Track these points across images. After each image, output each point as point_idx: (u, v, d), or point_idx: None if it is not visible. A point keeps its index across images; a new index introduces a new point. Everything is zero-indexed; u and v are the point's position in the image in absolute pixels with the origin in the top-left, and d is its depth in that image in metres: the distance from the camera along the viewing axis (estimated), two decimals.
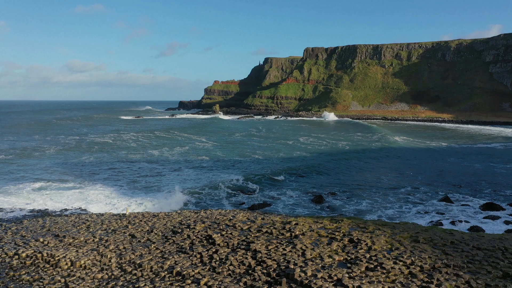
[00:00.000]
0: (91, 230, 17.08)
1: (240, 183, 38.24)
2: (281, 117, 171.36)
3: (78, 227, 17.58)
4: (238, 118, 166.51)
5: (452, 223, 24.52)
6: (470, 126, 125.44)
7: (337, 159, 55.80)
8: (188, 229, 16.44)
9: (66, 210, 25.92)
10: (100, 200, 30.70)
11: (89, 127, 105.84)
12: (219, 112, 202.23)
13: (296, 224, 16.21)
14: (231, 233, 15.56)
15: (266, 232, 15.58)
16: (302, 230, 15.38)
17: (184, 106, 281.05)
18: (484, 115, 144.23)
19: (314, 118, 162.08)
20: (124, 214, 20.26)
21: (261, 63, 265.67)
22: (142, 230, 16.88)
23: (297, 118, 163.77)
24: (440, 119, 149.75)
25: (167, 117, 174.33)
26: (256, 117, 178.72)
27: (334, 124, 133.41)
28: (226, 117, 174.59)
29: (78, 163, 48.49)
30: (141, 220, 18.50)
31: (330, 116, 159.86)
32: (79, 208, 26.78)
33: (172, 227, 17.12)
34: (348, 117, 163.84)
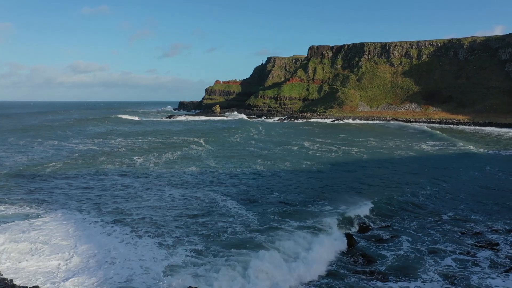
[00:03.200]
0: None
1: (233, 209, 29.30)
2: (285, 118, 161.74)
3: None
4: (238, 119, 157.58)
5: None
6: (491, 128, 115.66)
7: (353, 169, 46.79)
8: None
9: None
10: (38, 244, 21.89)
11: (77, 130, 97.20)
12: (222, 113, 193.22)
13: None
14: None
15: None
16: None
17: (184, 106, 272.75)
18: (503, 116, 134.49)
19: (325, 120, 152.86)
20: None
21: (264, 62, 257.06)
22: None
23: (304, 120, 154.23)
24: (455, 120, 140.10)
25: (165, 119, 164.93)
26: (258, 118, 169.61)
27: (343, 126, 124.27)
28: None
29: (42, 177, 39.65)
30: None
31: (344, 119, 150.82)
32: None
33: None
34: (357, 118, 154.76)
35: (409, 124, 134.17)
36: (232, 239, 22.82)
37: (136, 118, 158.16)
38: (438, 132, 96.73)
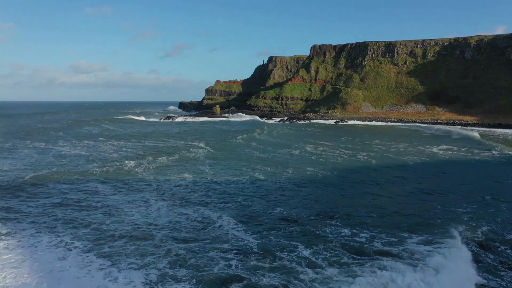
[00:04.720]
0: None
1: (230, 230, 25.13)
2: (286, 119, 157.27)
3: None
4: (241, 121, 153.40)
5: None
6: (502, 130, 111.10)
7: (362, 178, 42.52)
8: None
9: None
10: None
11: (70, 131, 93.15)
12: (234, 114, 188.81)
13: None
14: None
15: None
16: None
17: (184, 107, 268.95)
18: None
19: (329, 121, 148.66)
20: None
21: (265, 62, 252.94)
22: None
23: (307, 121, 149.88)
24: (463, 121, 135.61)
25: (163, 120, 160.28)
26: (259, 119, 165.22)
27: (348, 128, 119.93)
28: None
29: (16, 188, 35.62)
30: None
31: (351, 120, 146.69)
32: None
33: None
34: (361, 119, 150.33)
35: (417, 124, 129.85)
36: (226, 278, 18.57)
37: (135, 117, 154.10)
38: (477, 135, 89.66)
